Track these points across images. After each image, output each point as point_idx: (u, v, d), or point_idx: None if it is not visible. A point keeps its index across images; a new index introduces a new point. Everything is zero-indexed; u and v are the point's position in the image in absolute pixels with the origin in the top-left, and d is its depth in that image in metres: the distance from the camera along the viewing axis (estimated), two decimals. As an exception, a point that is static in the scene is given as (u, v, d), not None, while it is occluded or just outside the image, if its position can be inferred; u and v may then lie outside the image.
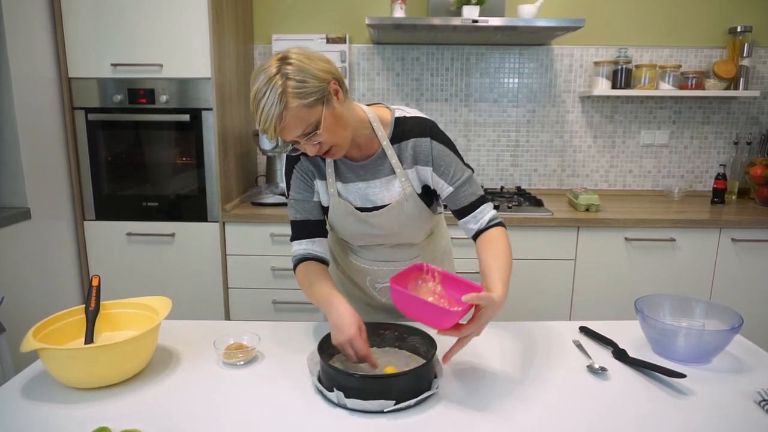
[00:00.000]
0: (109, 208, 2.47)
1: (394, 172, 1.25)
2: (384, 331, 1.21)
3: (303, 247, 1.28)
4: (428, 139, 1.22)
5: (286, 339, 1.29)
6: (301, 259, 1.28)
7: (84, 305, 1.21)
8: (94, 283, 1.23)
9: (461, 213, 1.26)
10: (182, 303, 2.48)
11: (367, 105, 1.28)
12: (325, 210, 1.31)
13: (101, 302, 1.23)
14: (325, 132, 1.09)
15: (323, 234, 1.31)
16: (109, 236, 2.47)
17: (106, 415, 0.98)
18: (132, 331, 1.22)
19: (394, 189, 1.25)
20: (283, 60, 1.05)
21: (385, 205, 1.26)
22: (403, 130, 1.24)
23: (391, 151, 1.23)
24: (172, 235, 2.46)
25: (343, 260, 1.45)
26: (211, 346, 1.22)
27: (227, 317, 2.53)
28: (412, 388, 1.01)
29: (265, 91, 1.03)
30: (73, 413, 0.99)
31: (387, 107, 1.28)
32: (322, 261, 1.29)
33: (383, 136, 1.23)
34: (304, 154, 1.22)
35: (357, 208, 1.27)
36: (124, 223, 2.46)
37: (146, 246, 2.48)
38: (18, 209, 2.15)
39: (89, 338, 1.17)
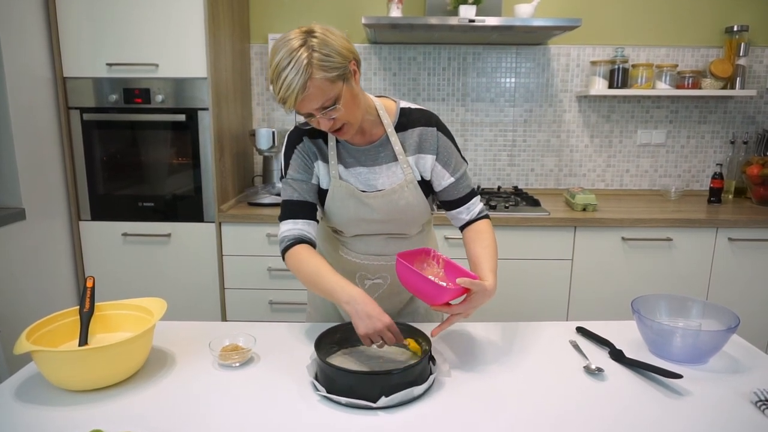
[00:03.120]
0: (104, 209, 2.46)
1: (395, 159, 1.28)
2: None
3: (299, 227, 1.25)
4: (434, 129, 1.29)
5: (282, 340, 1.29)
6: (296, 240, 1.24)
7: (78, 306, 1.20)
8: (89, 284, 1.22)
9: (455, 204, 1.33)
10: (178, 304, 2.48)
11: (373, 96, 1.32)
12: (321, 194, 1.31)
13: (96, 303, 1.22)
14: (344, 108, 1.12)
15: (316, 218, 1.30)
16: (105, 237, 2.46)
17: (101, 418, 0.97)
18: (126, 333, 1.22)
19: (395, 175, 1.28)
20: (309, 33, 1.08)
21: (385, 189, 1.28)
22: (409, 119, 1.29)
23: (394, 138, 1.27)
24: (168, 235, 2.45)
25: (333, 256, 1.43)
26: (207, 347, 1.21)
27: (223, 318, 2.52)
28: (376, 388, 1.00)
29: (290, 62, 1.05)
30: (67, 416, 0.98)
31: (391, 99, 1.33)
32: (314, 245, 1.27)
33: (388, 123, 1.28)
34: (308, 135, 1.27)
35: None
36: (120, 223, 2.45)
37: (142, 246, 2.47)
38: (12, 209, 2.13)
39: (83, 340, 1.16)
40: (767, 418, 0.97)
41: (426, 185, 1.31)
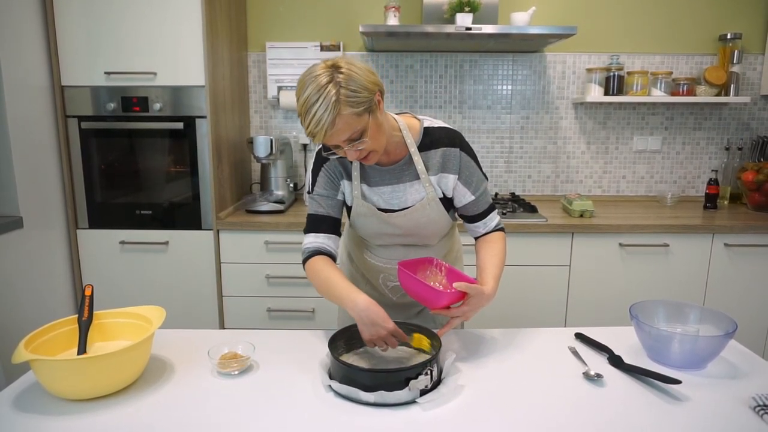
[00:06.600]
0: (102, 217, 2.45)
1: (418, 178, 1.32)
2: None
3: (319, 241, 1.32)
4: (458, 149, 1.31)
5: (281, 348, 1.29)
6: (314, 252, 1.32)
7: (77, 315, 1.20)
8: (87, 292, 1.22)
9: (474, 218, 1.37)
10: (176, 311, 2.47)
11: (396, 114, 1.34)
12: (348, 208, 1.37)
13: (94, 312, 1.22)
14: (370, 139, 1.15)
15: (338, 233, 1.37)
16: (103, 245, 2.46)
17: (99, 427, 0.97)
18: (125, 341, 1.22)
19: (418, 193, 1.32)
20: (335, 68, 1.10)
21: (408, 207, 1.32)
22: (432, 139, 1.32)
23: (417, 158, 1.30)
24: (166, 243, 2.45)
25: (359, 258, 1.50)
26: (206, 355, 1.21)
27: (221, 325, 2.52)
28: (386, 384, 1.04)
29: (318, 98, 1.07)
30: (66, 425, 0.98)
31: (415, 117, 1.36)
32: (333, 257, 1.34)
33: (411, 143, 1.31)
34: (334, 154, 1.29)
35: (380, 209, 1.33)
36: (118, 231, 2.45)
37: (140, 254, 2.46)
38: (10, 218, 2.13)
39: (82, 349, 1.16)
40: (766, 423, 0.97)
41: (447, 201, 1.35)
